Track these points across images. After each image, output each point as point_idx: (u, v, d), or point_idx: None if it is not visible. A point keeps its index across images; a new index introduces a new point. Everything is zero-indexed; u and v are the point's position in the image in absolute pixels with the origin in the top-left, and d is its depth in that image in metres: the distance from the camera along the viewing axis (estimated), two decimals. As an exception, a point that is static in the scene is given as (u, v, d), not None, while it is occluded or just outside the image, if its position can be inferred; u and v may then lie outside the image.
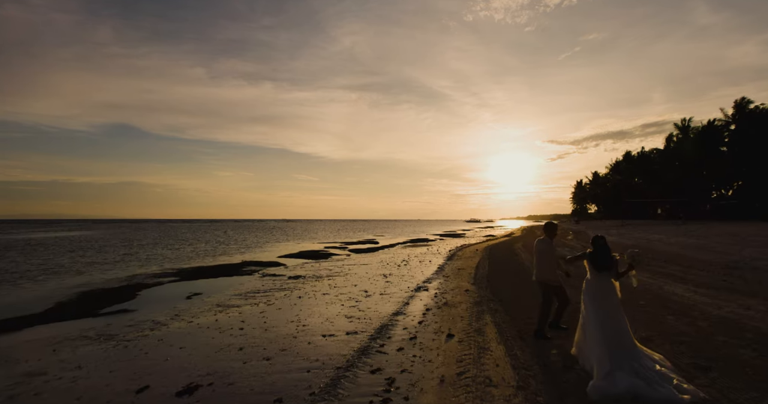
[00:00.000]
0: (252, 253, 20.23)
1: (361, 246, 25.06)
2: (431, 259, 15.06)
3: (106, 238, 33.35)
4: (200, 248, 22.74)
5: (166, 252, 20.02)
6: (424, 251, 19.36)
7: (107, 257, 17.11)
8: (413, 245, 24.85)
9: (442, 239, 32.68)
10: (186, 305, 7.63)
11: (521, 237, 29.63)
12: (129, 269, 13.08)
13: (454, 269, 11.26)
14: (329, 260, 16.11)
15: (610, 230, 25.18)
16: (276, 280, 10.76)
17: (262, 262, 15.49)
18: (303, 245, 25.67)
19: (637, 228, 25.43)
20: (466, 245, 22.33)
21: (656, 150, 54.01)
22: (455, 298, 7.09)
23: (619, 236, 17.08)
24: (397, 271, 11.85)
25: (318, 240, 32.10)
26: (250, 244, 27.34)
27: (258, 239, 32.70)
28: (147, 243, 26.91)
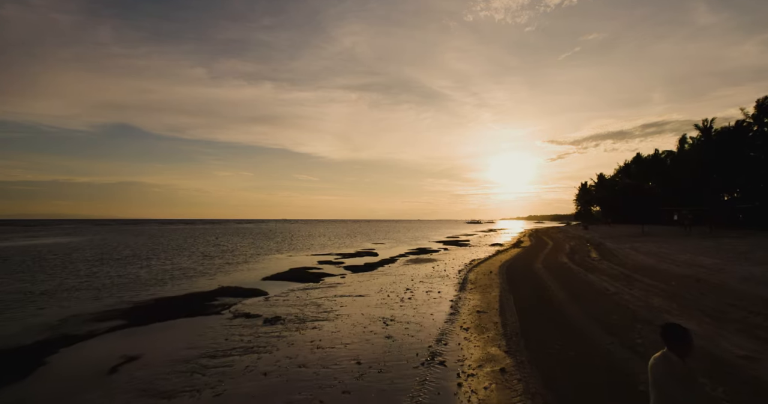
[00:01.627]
0: (236, 272, 17.95)
1: (358, 260, 22.77)
2: (440, 288, 12.77)
3: (86, 247, 31.06)
4: (180, 264, 20.45)
5: (140, 272, 17.74)
6: (430, 271, 17.07)
7: (60, 283, 14.80)
8: (416, 259, 22.56)
9: (447, 250, 30.39)
10: (92, 395, 5.35)
11: (534, 248, 27.33)
12: (70, 306, 10.79)
13: (471, 312, 8.97)
14: (320, 286, 13.82)
15: (634, 242, 22.89)
16: (247, 327, 8.48)
17: (242, 289, 13.20)
18: (295, 259, 23.38)
19: (666, 241, 23.14)
20: (476, 263, 20.04)
21: (668, 152, 51.70)
22: (490, 396, 4.80)
23: (655, 258, 14.80)
24: (400, 312, 9.57)
25: (313, 250, 29.83)
26: (238, 255, 25.07)
27: (249, 249, 30.43)
28: (125, 256, 24.64)
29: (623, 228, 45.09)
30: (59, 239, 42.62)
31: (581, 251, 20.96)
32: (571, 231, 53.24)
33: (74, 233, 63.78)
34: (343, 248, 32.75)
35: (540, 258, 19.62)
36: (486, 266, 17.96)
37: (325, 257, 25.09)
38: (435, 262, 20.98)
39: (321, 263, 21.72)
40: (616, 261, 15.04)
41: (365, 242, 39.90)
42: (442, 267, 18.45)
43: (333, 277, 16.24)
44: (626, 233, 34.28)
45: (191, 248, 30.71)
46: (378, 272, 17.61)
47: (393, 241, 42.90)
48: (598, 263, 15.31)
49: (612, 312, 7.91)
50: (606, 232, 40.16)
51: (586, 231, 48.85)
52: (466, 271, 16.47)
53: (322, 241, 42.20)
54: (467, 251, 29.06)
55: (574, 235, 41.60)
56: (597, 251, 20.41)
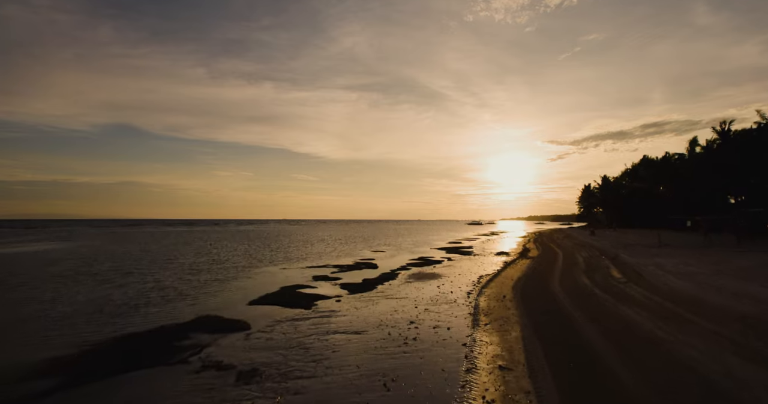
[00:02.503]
0: (222, 292, 16.25)
1: (356, 275, 21.08)
2: (449, 322, 11.09)
3: (67, 258, 29.33)
4: (162, 281, 18.76)
5: (113, 294, 16.05)
6: (435, 293, 15.39)
7: (11, 314, 13.11)
8: (419, 274, 20.87)
9: (450, 260, 28.69)
10: None
11: (543, 259, 25.65)
12: (2, 353, 9.10)
13: (492, 369, 7.28)
14: (311, 315, 12.13)
15: (655, 256, 21.20)
16: (213, 389, 6.80)
17: (222, 320, 11.53)
18: (288, 274, 21.68)
19: (691, 255, 21.47)
20: (484, 280, 18.35)
21: (679, 155, 49.98)
22: None
23: (692, 282, 13.15)
24: (404, 362, 7.89)
25: (309, 260, 28.13)
26: (229, 269, 23.38)
27: (241, 259, 28.75)
28: (104, 270, 22.96)
29: (633, 235, 43.39)
30: (45, 246, 40.93)
31: (599, 267, 19.27)
32: (577, 237, 51.55)
33: (66, 238, 62.17)
34: (341, 257, 31.07)
35: (555, 276, 17.94)
36: (497, 285, 16.28)
37: (320, 270, 23.42)
38: (439, 279, 19.29)
39: (316, 278, 20.05)
40: (645, 285, 13.35)
41: (364, 250, 38.23)
42: (448, 287, 16.77)
43: (327, 300, 14.57)
44: (639, 241, 32.59)
45: (180, 259, 29.02)
46: (377, 292, 15.94)
47: (393, 248, 41.22)
48: (624, 286, 13.62)
49: (678, 380, 6.22)
50: (616, 239, 38.48)
51: (593, 237, 47.19)
52: (476, 293, 14.78)
53: (320, 248, 40.53)
54: (472, 262, 27.37)
55: (582, 242, 39.92)
56: (616, 267, 18.72)
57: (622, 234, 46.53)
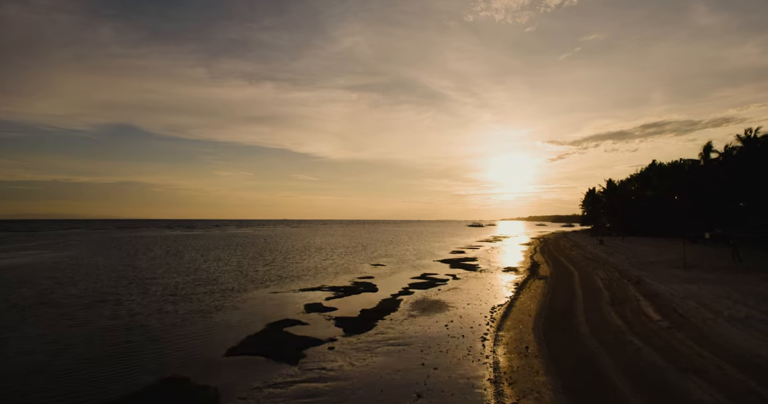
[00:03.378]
0: (198, 335, 14.14)
1: (353, 301, 18.99)
2: (465, 395, 8.99)
3: (36, 276, 27.14)
4: (134, 316, 16.66)
5: (59, 338, 13.96)
6: (443, 335, 13.30)
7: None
8: (423, 305, 18.75)
9: (456, 279, 26.59)
10: None
11: (558, 282, 23.56)
12: None
13: None
14: (295, 379, 10.01)
15: (683, 281, 19.12)
16: None
17: (184, 391, 9.41)
18: (278, 301, 19.58)
19: (729, 280, 19.43)
20: (498, 316, 16.24)
21: (693, 162, 47.85)
22: None
23: (755, 334, 11.10)
24: None
25: (303, 279, 26.01)
26: (213, 293, 21.31)
27: (229, 279, 26.66)
28: (72, 296, 20.87)
29: (647, 247, 41.22)
30: (28, 258, 38.81)
31: (626, 299, 17.16)
32: (585, 246, 49.44)
33: (57, 246, 60.16)
34: (339, 274, 28.98)
35: (578, 309, 15.83)
36: (514, 324, 14.18)
37: (315, 294, 21.35)
38: (446, 311, 17.18)
39: (308, 308, 17.96)
40: (695, 335, 11.21)
41: (363, 264, 36.13)
42: (458, 325, 14.68)
43: (319, 346, 12.47)
44: (658, 257, 30.45)
45: (165, 278, 26.93)
46: (377, 333, 13.84)
47: (394, 260, 39.13)
48: (669, 335, 11.49)
49: None
50: (630, 252, 36.35)
51: (603, 247, 45.10)
52: (492, 339, 12.66)
53: (317, 260, 38.45)
54: (479, 282, 25.28)
55: (594, 255, 37.81)
56: (646, 298, 16.60)
57: (634, 245, 44.42)
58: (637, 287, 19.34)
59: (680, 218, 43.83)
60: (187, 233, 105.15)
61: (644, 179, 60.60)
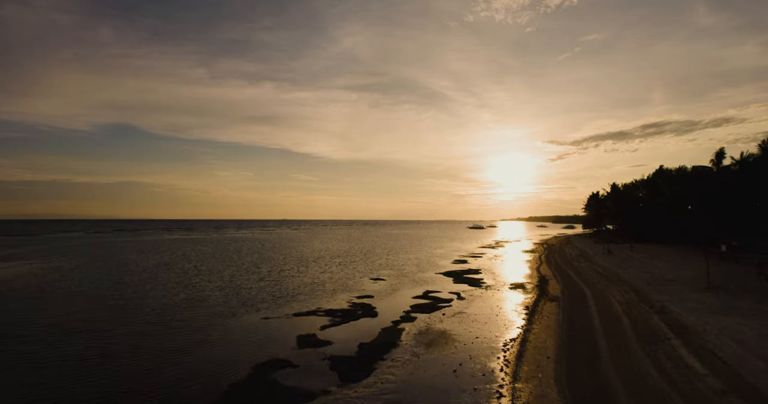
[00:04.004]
0: (165, 392, 12.43)
1: (350, 332, 17.29)
2: None
3: (8, 298, 25.42)
4: (105, 358, 14.97)
5: (16, 389, 12.26)
6: (452, 388, 11.58)
7: None
8: (427, 339, 17.04)
9: (461, 299, 24.90)
10: None
11: (572, 306, 21.86)
12: None
13: None
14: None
15: (717, 312, 17.43)
16: None
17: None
18: (266, 332, 17.87)
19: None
20: (511, 354, 14.52)
21: (705, 169, 46.07)
22: None
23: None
24: None
25: (298, 299, 24.30)
26: (198, 319, 19.62)
27: (219, 297, 24.98)
28: (41, 327, 19.18)
29: (661, 262, 39.46)
30: (5, 271, 37.07)
31: (654, 336, 15.44)
32: (593, 256, 47.75)
33: (43, 254, 58.56)
34: (336, 293, 27.28)
35: (601, 349, 14.10)
36: (531, 374, 12.46)
37: (310, 320, 19.68)
38: (453, 346, 15.48)
39: (301, 341, 16.27)
40: (757, 400, 9.49)
41: (363, 278, 34.44)
42: (468, 368, 13.01)
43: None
44: (677, 274, 28.72)
45: (149, 299, 25.24)
46: (376, 380, 12.14)
47: (395, 273, 37.45)
48: (725, 401, 9.73)
49: None
50: (642, 266, 34.63)
51: (611, 258, 43.40)
52: (509, 399, 10.95)
53: (315, 273, 36.77)
54: (485, 303, 23.61)
55: (604, 268, 36.12)
56: (676, 334, 14.90)
57: (645, 256, 42.69)
58: (662, 316, 17.63)
59: (693, 227, 42.11)
60: (185, 237, 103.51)
61: (652, 185, 58.84)
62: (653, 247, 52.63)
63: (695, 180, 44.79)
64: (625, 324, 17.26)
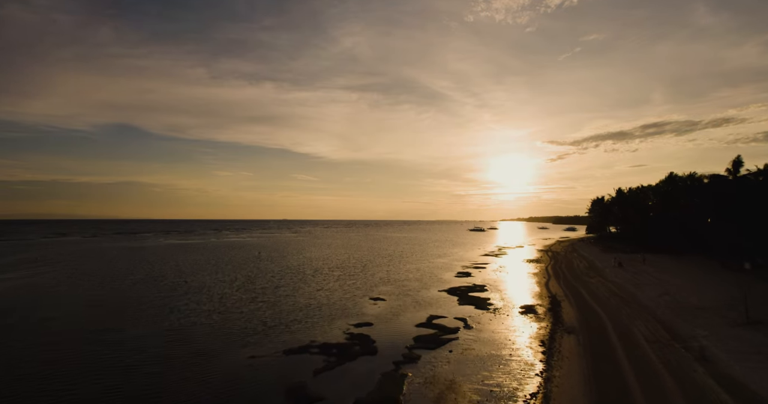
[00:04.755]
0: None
1: (345, 377, 15.19)
2: None
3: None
4: None
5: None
6: None
7: None
8: (433, 388, 14.96)
9: (468, 329, 22.81)
10: None
11: (592, 339, 19.75)
12: None
13: None
14: None
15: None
16: None
17: None
18: (252, 378, 15.78)
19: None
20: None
21: (720, 178, 43.91)
22: None
23: None
24: None
25: (291, 328, 22.24)
26: (176, 360, 17.55)
27: (207, 322, 22.94)
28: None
29: (675, 277, 37.33)
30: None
31: (698, 392, 13.35)
32: (603, 269, 45.64)
33: (32, 263, 56.59)
34: (334, 319, 25.17)
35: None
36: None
37: (300, 360, 17.61)
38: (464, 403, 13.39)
39: (289, 396, 14.18)
40: None
41: (363, 298, 32.35)
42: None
43: None
44: (700, 296, 26.59)
45: (127, 329, 23.20)
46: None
47: (396, 291, 35.37)
48: None
49: None
50: (660, 285, 32.49)
51: (624, 273, 41.28)
52: None
53: (311, 291, 34.72)
54: (496, 337, 21.53)
55: (617, 285, 33.99)
56: (734, 400, 12.78)
57: (659, 271, 40.55)
58: (707, 367, 15.41)
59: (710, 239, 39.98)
60: (182, 243, 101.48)
61: (663, 193, 56.63)
62: (665, 259, 50.51)
63: (712, 190, 42.56)
64: (667, 381, 14.74)
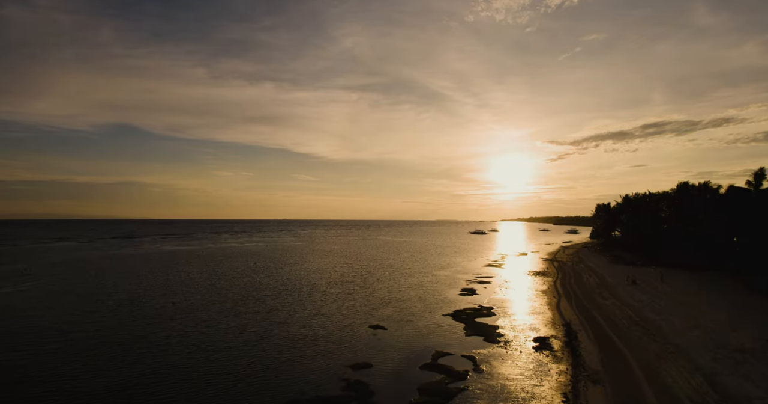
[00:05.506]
0: None
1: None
2: None
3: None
4: None
5: None
6: None
7: None
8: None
9: (479, 376, 20.27)
10: None
11: (612, 372, 17.20)
12: None
13: None
14: None
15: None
16: None
17: None
18: None
19: None
20: None
21: (741, 191, 41.31)
22: None
23: None
24: None
25: (279, 373, 19.69)
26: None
27: (181, 365, 20.39)
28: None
29: (705, 303, 34.79)
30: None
31: None
32: (614, 286, 43.14)
33: (9, 276, 54.15)
34: (327, 357, 22.65)
35: None
36: None
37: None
38: None
39: None
40: None
41: (361, 327, 29.84)
42: None
43: None
44: (737, 331, 24.04)
45: (82, 377, 20.67)
46: None
47: (398, 315, 32.88)
48: None
49: None
50: (685, 311, 29.93)
51: (640, 293, 38.76)
52: None
53: (307, 317, 32.24)
54: (509, 386, 19.00)
55: (636, 311, 31.46)
56: None
57: (679, 291, 38.00)
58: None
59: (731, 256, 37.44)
60: (179, 249, 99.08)
61: (676, 204, 54.10)
62: (682, 276, 47.94)
63: (732, 204, 39.90)
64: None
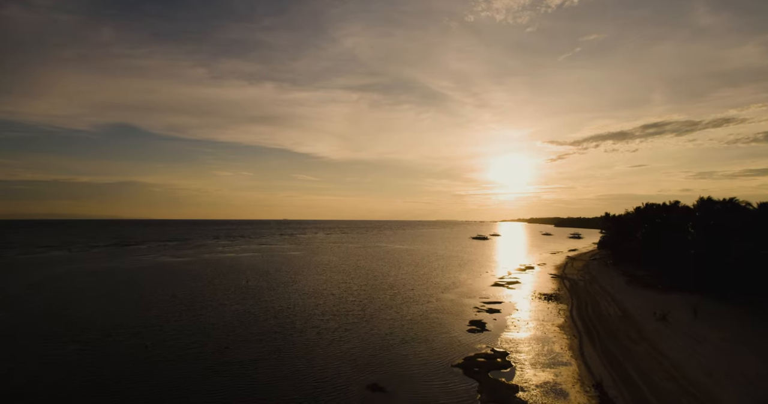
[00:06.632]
0: None
1: None
2: None
3: None
4: None
5: None
6: None
7: None
8: None
9: None
10: None
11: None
12: None
13: None
14: None
15: None
16: None
17: None
18: None
19: None
20: None
21: None
22: None
23: None
24: None
25: None
26: None
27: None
28: None
29: (759, 356, 30.72)
30: None
31: None
32: (640, 321, 39.13)
33: None
34: None
35: None
36: None
37: None
38: None
39: None
40: None
41: (357, 380, 25.96)
42: None
43: None
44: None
45: None
46: None
47: (397, 369, 29.02)
48: None
49: None
50: (737, 370, 25.86)
51: (673, 334, 34.71)
52: None
53: (300, 365, 28.43)
54: None
55: (680, 371, 27.41)
56: None
57: (725, 338, 33.91)
58: None
59: None
60: (172, 261, 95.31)
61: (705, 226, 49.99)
62: (717, 310, 43.91)
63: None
64: None
